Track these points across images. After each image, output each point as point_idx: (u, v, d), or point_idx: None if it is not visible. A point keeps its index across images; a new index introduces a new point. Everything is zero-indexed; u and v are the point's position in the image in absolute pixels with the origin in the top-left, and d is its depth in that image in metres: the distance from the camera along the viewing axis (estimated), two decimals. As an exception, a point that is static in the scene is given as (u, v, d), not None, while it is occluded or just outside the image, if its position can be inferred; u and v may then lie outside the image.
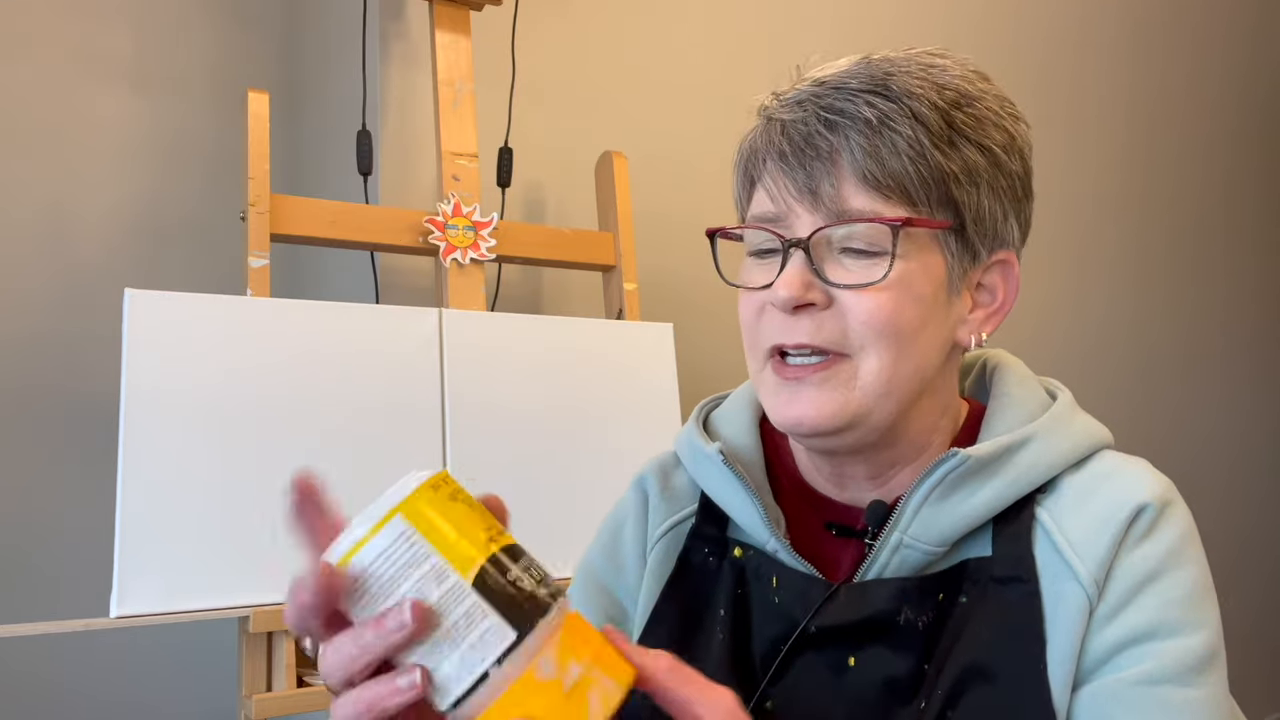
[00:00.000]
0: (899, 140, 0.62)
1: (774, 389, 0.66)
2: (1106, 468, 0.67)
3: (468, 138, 1.57)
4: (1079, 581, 0.62)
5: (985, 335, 0.69)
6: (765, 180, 0.67)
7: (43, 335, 1.54)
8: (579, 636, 0.46)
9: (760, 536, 0.70)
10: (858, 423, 0.64)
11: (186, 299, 1.29)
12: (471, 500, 0.47)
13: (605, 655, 0.47)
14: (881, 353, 0.63)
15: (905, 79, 0.64)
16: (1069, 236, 2.64)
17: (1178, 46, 2.93)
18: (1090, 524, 0.63)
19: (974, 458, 0.64)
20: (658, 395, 1.60)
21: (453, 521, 0.45)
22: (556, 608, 0.46)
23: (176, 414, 1.24)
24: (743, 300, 0.69)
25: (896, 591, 0.64)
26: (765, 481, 0.74)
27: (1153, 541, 0.63)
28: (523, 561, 0.46)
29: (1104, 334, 2.71)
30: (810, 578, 0.67)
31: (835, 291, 0.63)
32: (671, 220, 1.90)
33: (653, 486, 0.78)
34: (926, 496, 0.65)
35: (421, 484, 0.45)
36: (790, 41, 2.09)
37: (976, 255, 0.67)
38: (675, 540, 0.75)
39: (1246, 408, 3.05)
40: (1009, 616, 0.62)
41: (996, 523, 0.66)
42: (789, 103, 0.66)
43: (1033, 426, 0.67)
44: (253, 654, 1.22)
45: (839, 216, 0.63)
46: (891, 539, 0.65)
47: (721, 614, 0.70)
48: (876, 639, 0.65)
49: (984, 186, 0.65)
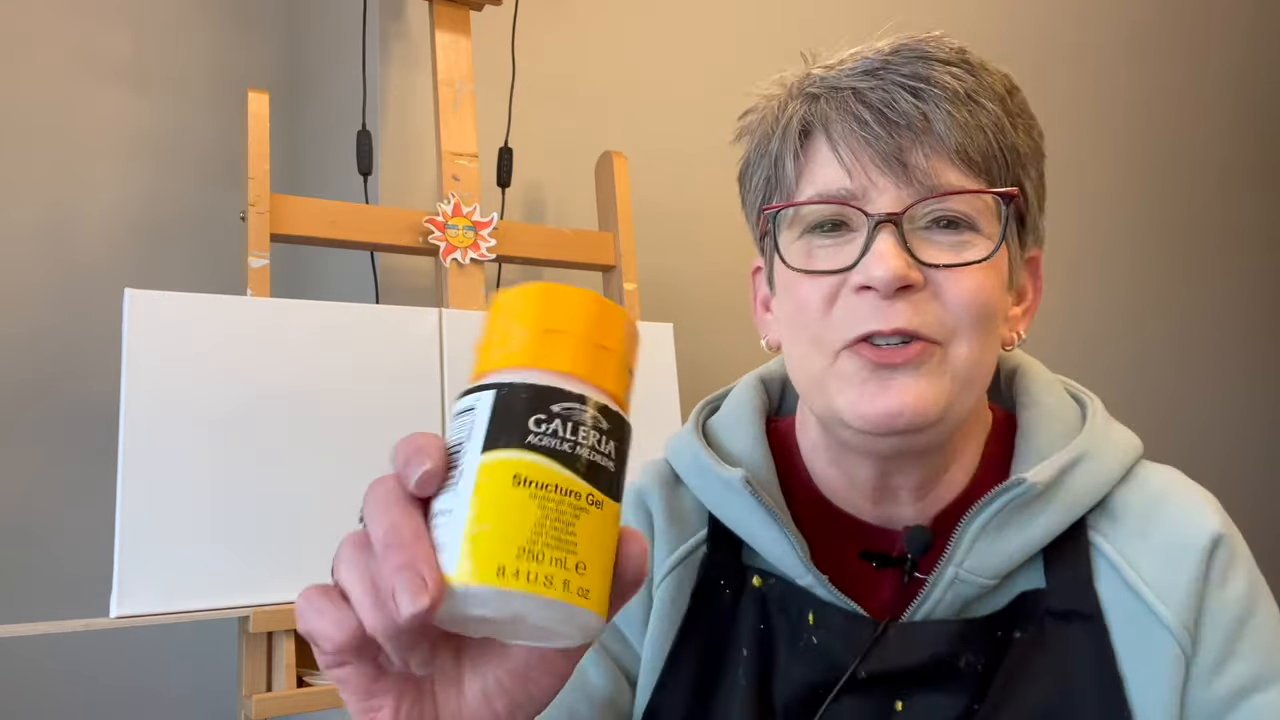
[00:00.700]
0: (984, 115, 0.58)
1: (858, 378, 0.58)
2: (1156, 486, 0.63)
3: (468, 138, 1.57)
4: (1165, 626, 0.57)
5: (1022, 333, 0.64)
6: (832, 152, 0.59)
7: (42, 335, 1.54)
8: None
9: (791, 569, 0.63)
10: (945, 415, 0.58)
11: (186, 299, 1.29)
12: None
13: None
14: (973, 339, 0.58)
15: (976, 55, 0.60)
16: (1064, 233, 2.64)
17: (1174, 45, 2.93)
18: (1163, 558, 0.59)
19: (1038, 484, 0.59)
20: (658, 395, 1.60)
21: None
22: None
23: (176, 414, 1.24)
24: (804, 288, 0.60)
25: (956, 635, 0.59)
26: (784, 502, 0.66)
27: (1235, 579, 0.60)
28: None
29: (1098, 330, 2.71)
30: (853, 615, 0.61)
31: (929, 271, 0.57)
32: (671, 220, 1.90)
33: (657, 507, 0.70)
34: (984, 526, 0.60)
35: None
36: (790, 42, 2.09)
37: (1025, 246, 0.63)
38: (687, 572, 0.68)
39: (1241, 403, 3.05)
40: (1076, 657, 0.58)
41: (1047, 550, 0.61)
42: (854, 72, 0.60)
43: (1081, 444, 0.62)
44: (253, 654, 1.22)
45: (931, 190, 0.57)
46: (946, 574, 0.60)
47: (744, 653, 0.64)
48: (927, 682, 0.59)
49: (1033, 174, 0.62)
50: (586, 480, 0.38)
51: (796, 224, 0.61)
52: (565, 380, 0.39)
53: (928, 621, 0.60)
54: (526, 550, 0.36)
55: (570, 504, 0.37)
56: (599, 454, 0.39)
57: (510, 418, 0.38)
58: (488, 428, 0.38)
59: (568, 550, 0.37)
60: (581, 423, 0.38)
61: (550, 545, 0.37)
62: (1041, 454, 0.62)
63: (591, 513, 0.38)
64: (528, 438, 0.37)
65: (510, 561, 0.36)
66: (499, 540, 0.36)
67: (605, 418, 0.40)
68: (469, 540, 0.36)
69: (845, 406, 0.58)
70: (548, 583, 0.36)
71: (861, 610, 0.61)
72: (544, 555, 0.36)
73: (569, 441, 0.38)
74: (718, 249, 1.93)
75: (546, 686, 0.42)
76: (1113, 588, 0.59)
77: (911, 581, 0.62)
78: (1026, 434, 0.64)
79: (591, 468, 0.38)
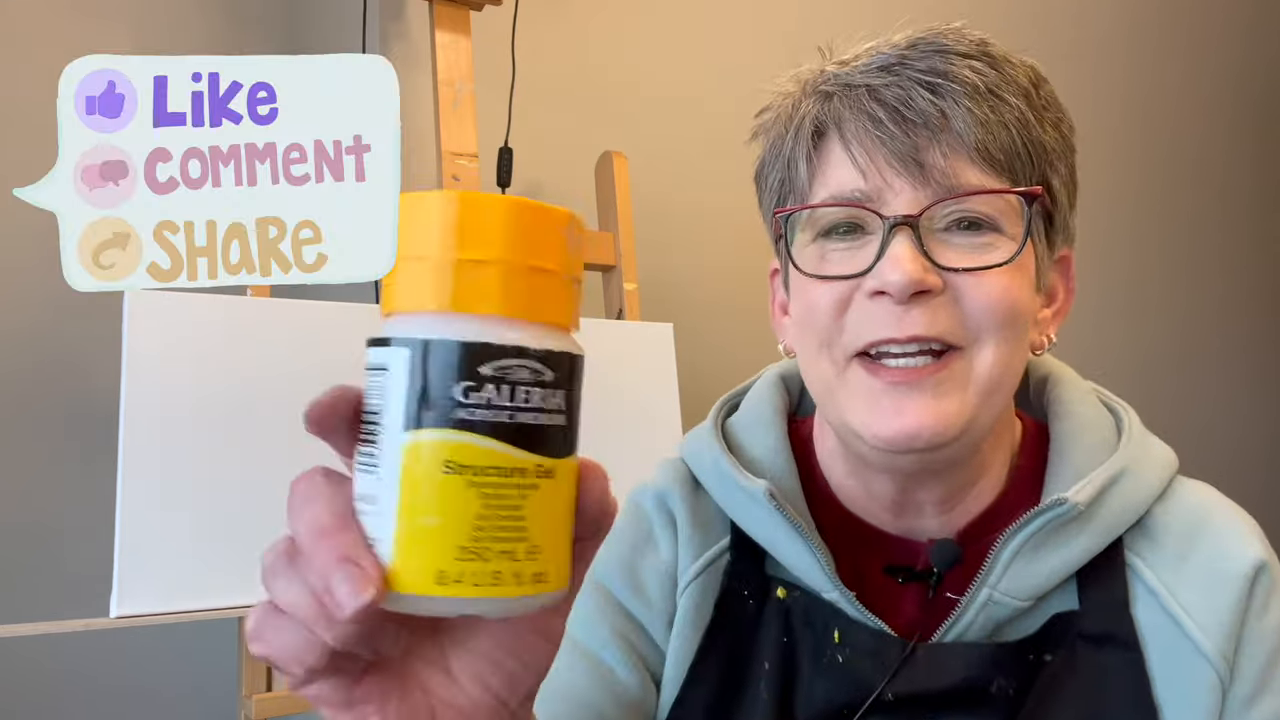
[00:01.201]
0: (1007, 111, 0.55)
1: (870, 397, 0.55)
2: (1195, 506, 0.61)
3: (468, 138, 1.57)
4: (1204, 656, 0.56)
5: (1052, 336, 0.62)
6: (845, 152, 0.57)
7: (42, 334, 1.54)
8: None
9: (816, 583, 0.61)
10: (968, 429, 0.56)
11: (186, 299, 1.29)
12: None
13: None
14: (999, 344, 0.55)
15: (999, 48, 0.58)
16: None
17: (1174, 42, 2.93)
18: (1203, 585, 0.57)
19: (1079, 504, 0.57)
20: (658, 395, 1.60)
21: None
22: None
23: (176, 414, 1.24)
24: (816, 293, 0.58)
25: (989, 659, 0.57)
26: (808, 512, 0.64)
27: (1275, 607, 0.57)
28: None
29: (1099, 331, 2.71)
30: (881, 635, 0.59)
31: (948, 275, 0.55)
32: (671, 220, 1.90)
33: (681, 511, 0.67)
34: (1021, 547, 0.58)
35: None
36: (790, 42, 2.09)
37: (1053, 246, 0.61)
38: (710, 581, 0.66)
39: (1244, 404, 3.05)
40: (1110, 683, 0.56)
41: (1081, 571, 0.59)
42: (869, 69, 0.57)
43: (1120, 460, 0.60)
44: (252, 654, 1.21)
45: (950, 191, 0.54)
46: (980, 596, 0.58)
47: (766, 667, 0.62)
48: (958, 705, 0.57)
49: (1062, 171, 0.59)
50: (533, 450, 0.32)
51: (810, 228, 0.59)
52: (496, 326, 0.32)
53: (959, 643, 0.58)
54: (468, 550, 0.31)
55: (516, 484, 0.32)
56: (545, 413, 0.32)
57: (433, 387, 0.31)
58: (407, 400, 0.32)
59: (517, 538, 0.32)
60: (520, 381, 0.32)
61: (496, 538, 0.31)
62: (1078, 469, 0.60)
63: (543, 486, 0.32)
64: (457, 412, 0.31)
65: (450, 565, 0.31)
66: (435, 540, 0.31)
67: (550, 365, 0.32)
68: (400, 541, 0.32)
69: (859, 424, 0.56)
70: (495, 580, 0.32)
71: (889, 629, 0.59)
72: (489, 551, 0.31)
73: (507, 410, 0.32)
74: (718, 249, 1.93)
75: (540, 650, 0.38)
76: (1151, 614, 0.57)
77: (937, 597, 0.60)
78: (1061, 448, 0.62)
79: (538, 433, 0.32)
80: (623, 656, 0.66)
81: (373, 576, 0.31)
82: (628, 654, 0.66)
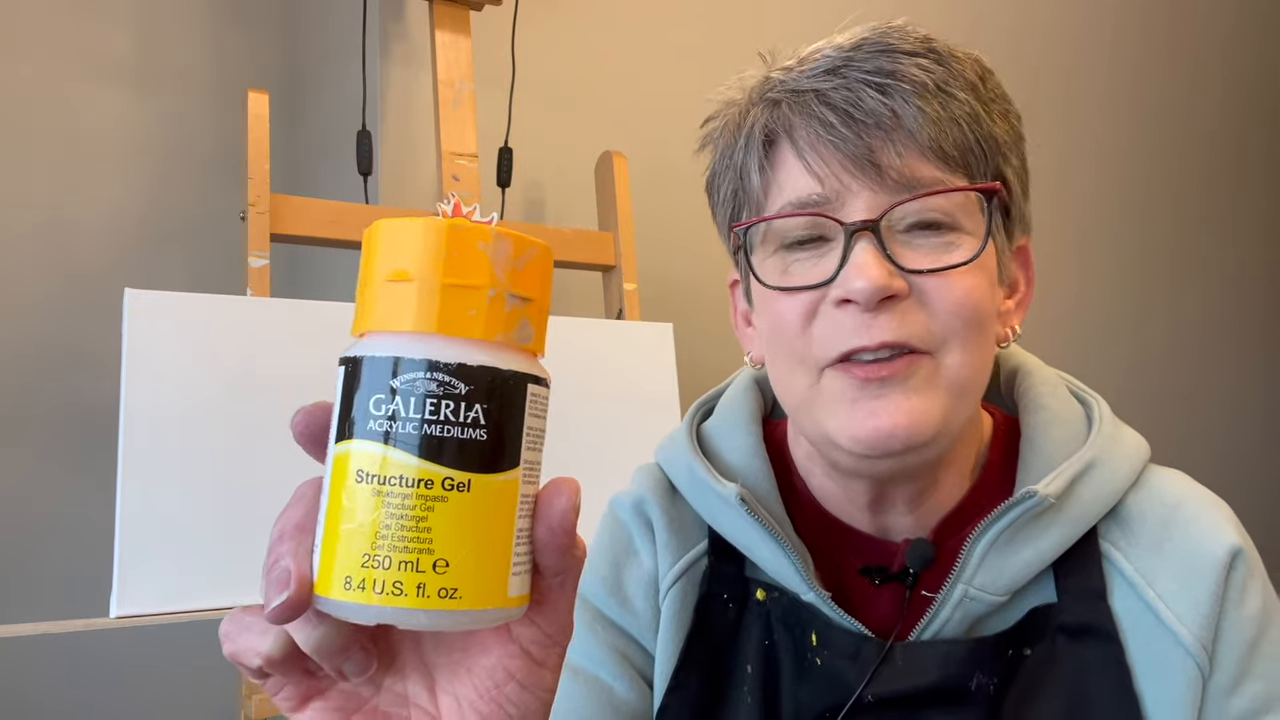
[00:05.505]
0: (957, 106, 0.55)
1: (846, 399, 0.55)
2: (1168, 493, 0.60)
3: (468, 138, 1.57)
4: (1183, 646, 0.56)
5: (1017, 328, 0.62)
6: (799, 160, 0.57)
7: (43, 335, 1.54)
8: None
9: (793, 585, 0.61)
10: (942, 430, 0.55)
11: (186, 299, 1.29)
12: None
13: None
14: (966, 345, 0.55)
15: (943, 43, 0.57)
16: (1070, 231, 2.64)
17: (1181, 41, 2.93)
18: (1180, 574, 0.57)
19: (1050, 496, 0.57)
20: (658, 395, 1.60)
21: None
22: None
23: (176, 414, 1.24)
24: (781, 305, 0.57)
25: (968, 655, 0.57)
26: (784, 515, 0.64)
27: (1251, 596, 0.58)
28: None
29: (1106, 330, 2.70)
30: (859, 636, 0.59)
31: (913, 278, 0.54)
32: (671, 220, 1.90)
33: (658, 516, 0.67)
34: (994, 542, 0.57)
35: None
36: (791, 42, 2.09)
37: (1012, 238, 0.61)
38: (689, 585, 0.66)
39: (1247, 404, 3.05)
40: (1091, 675, 0.56)
41: (1057, 563, 0.59)
42: (815, 73, 0.57)
43: (1091, 451, 0.60)
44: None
45: (908, 190, 0.54)
46: (955, 593, 0.58)
47: (749, 670, 0.62)
48: (938, 703, 0.57)
49: (1015, 161, 0.59)
50: (441, 463, 0.33)
51: (770, 240, 0.59)
52: (408, 341, 0.33)
53: (937, 641, 0.58)
54: (371, 557, 0.32)
55: (419, 495, 0.32)
56: (457, 426, 0.33)
57: (352, 401, 0.34)
58: (338, 414, 0.34)
59: (420, 549, 0.32)
60: (428, 394, 0.33)
61: (396, 548, 0.32)
62: (1049, 462, 0.60)
63: (452, 499, 0.33)
64: (370, 424, 0.33)
65: (356, 571, 0.32)
66: (345, 547, 0.33)
67: (464, 379, 0.33)
68: (322, 546, 0.33)
69: (836, 429, 0.55)
70: (396, 590, 0.32)
71: (866, 630, 0.59)
72: (390, 560, 0.32)
73: (414, 421, 0.33)
74: (718, 249, 1.92)
75: (521, 700, 0.37)
76: (1128, 604, 0.57)
77: (914, 597, 0.60)
78: (1032, 441, 0.62)
79: (446, 446, 0.33)
80: (619, 671, 0.66)
81: (292, 579, 0.33)
82: (624, 669, 0.66)
